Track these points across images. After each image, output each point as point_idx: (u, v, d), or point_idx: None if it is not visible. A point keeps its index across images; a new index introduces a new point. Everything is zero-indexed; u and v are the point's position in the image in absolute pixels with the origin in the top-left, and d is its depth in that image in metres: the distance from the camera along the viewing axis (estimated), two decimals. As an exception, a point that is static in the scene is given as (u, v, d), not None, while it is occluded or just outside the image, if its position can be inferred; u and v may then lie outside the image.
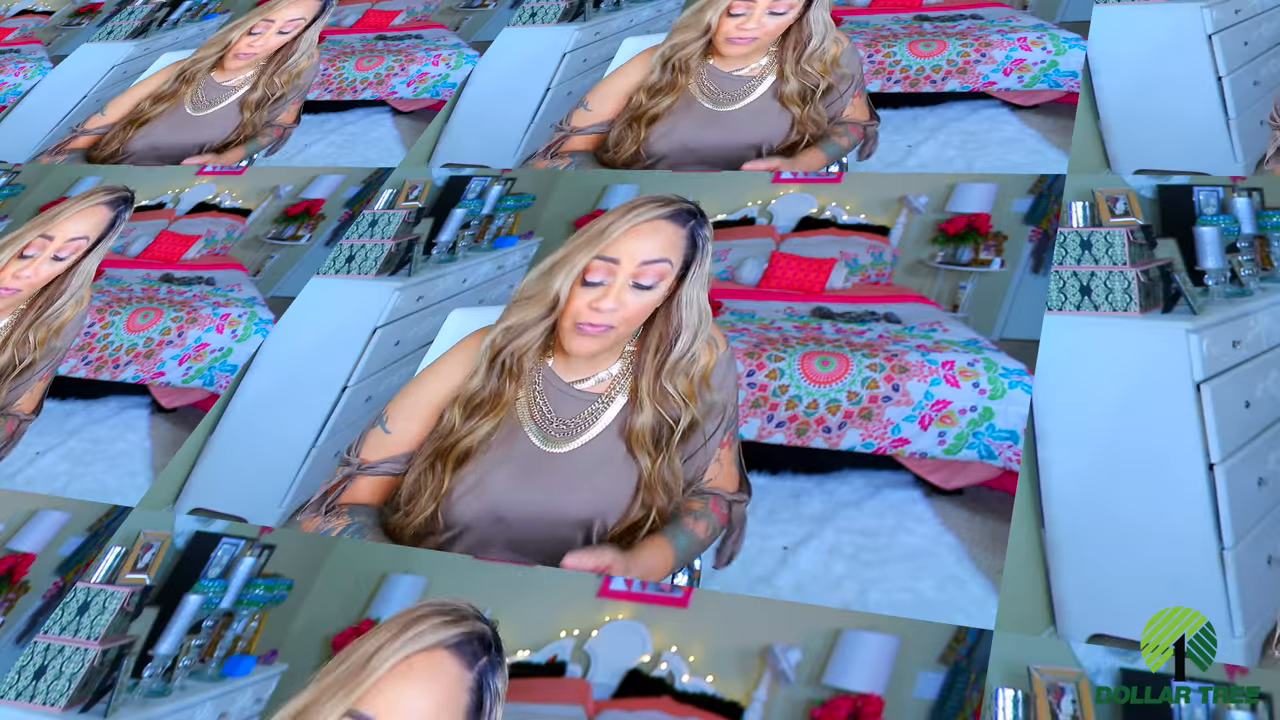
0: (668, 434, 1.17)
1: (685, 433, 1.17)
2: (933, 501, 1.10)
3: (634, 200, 1.31)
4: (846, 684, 0.98)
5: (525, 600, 1.10)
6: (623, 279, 1.23)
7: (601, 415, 1.21)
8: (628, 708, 1.01)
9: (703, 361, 1.23)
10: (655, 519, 1.13)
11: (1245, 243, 1.23)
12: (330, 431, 1.34)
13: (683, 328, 1.23)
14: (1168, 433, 1.09)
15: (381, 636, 0.94)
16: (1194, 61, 1.47)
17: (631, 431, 1.18)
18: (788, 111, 1.56)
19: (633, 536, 1.13)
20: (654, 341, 1.23)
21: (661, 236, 1.27)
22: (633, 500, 1.15)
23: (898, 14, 1.71)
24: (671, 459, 1.16)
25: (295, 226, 1.66)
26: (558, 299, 1.24)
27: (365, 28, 2.09)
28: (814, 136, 1.53)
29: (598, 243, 1.27)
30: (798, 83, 1.58)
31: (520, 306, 1.28)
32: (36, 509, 1.36)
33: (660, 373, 1.20)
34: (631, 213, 1.29)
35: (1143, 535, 1.02)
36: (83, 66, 2.26)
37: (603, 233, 1.27)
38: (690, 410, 1.19)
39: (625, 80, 1.70)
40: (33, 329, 1.59)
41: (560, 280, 1.25)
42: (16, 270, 1.66)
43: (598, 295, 1.23)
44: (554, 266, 1.28)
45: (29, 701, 1.15)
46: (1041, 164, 1.40)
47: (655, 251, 1.25)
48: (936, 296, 1.28)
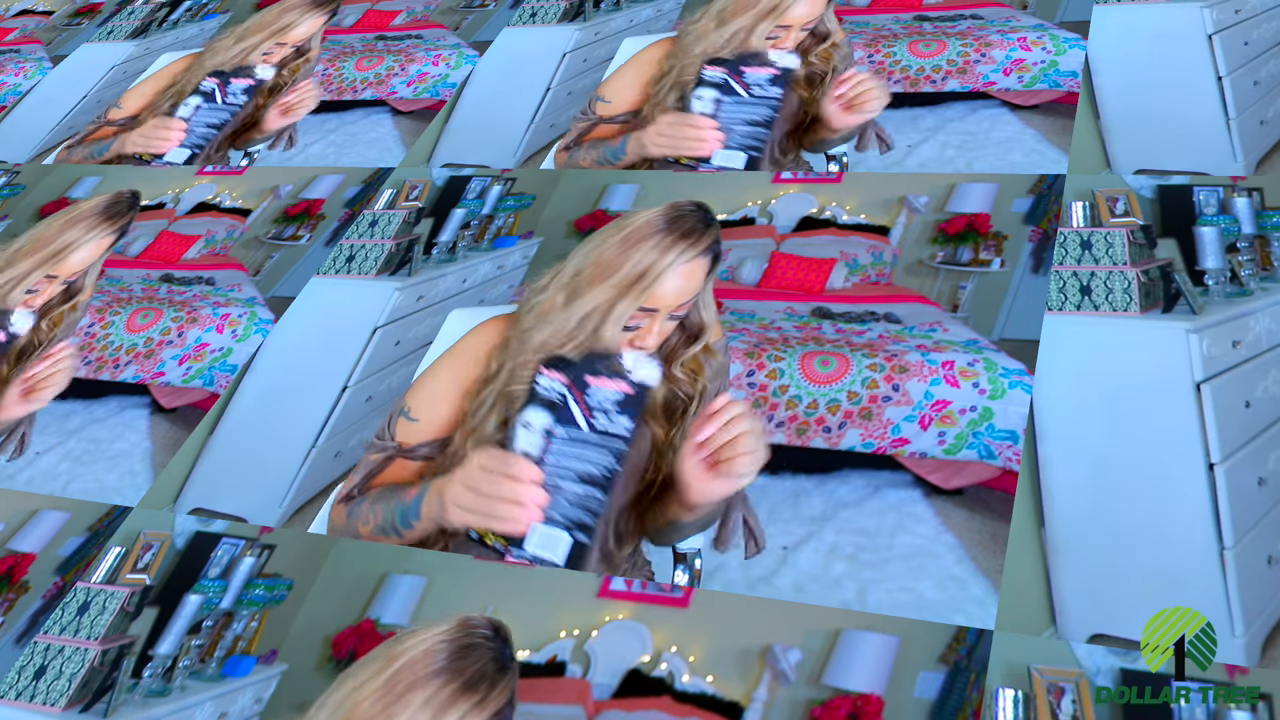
0: (681, 408, 1.21)
1: (694, 406, 1.21)
2: (933, 501, 1.10)
3: (666, 233, 1.30)
4: (846, 684, 0.98)
5: (525, 600, 1.10)
6: (661, 320, 1.25)
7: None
8: (628, 708, 1.01)
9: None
10: (658, 486, 1.17)
11: (1245, 243, 1.23)
12: (330, 431, 1.34)
13: (704, 326, 1.27)
14: (1168, 433, 1.09)
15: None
16: (1194, 61, 1.47)
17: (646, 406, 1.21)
18: (795, 94, 1.59)
19: (645, 497, 1.17)
20: (671, 336, 1.26)
21: (696, 274, 1.28)
22: (646, 465, 1.18)
23: (898, 14, 1.71)
24: (684, 430, 1.19)
25: (295, 226, 1.66)
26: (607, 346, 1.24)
27: (365, 28, 2.09)
28: (816, 117, 1.56)
29: (639, 289, 1.25)
30: (805, 70, 1.60)
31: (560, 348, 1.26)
32: (36, 509, 1.36)
33: (673, 359, 1.24)
34: (669, 256, 1.27)
35: (1143, 535, 1.02)
36: (83, 66, 2.26)
37: (643, 277, 1.26)
38: (700, 382, 1.23)
39: (639, 71, 1.71)
40: (47, 319, 1.62)
41: (609, 331, 1.23)
42: (26, 300, 1.66)
43: (637, 336, 1.24)
44: (595, 312, 1.25)
45: (29, 701, 1.15)
46: (1041, 164, 1.40)
47: (691, 292, 1.27)
48: (936, 296, 1.28)
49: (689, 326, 1.26)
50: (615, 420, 1.18)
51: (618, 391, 1.19)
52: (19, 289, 1.67)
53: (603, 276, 1.28)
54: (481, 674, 0.98)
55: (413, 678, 0.98)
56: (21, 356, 1.56)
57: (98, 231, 1.75)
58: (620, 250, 1.29)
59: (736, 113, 1.57)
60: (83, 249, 1.72)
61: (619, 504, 1.16)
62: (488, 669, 0.98)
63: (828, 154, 1.52)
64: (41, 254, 1.72)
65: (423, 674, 0.98)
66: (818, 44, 1.65)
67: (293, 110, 1.90)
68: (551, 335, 1.26)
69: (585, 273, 1.30)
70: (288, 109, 1.91)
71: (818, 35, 1.66)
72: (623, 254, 1.29)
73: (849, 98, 1.54)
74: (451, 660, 0.99)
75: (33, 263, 1.71)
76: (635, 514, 1.16)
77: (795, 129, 1.56)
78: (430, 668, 0.98)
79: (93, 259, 1.71)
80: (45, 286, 1.67)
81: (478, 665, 0.98)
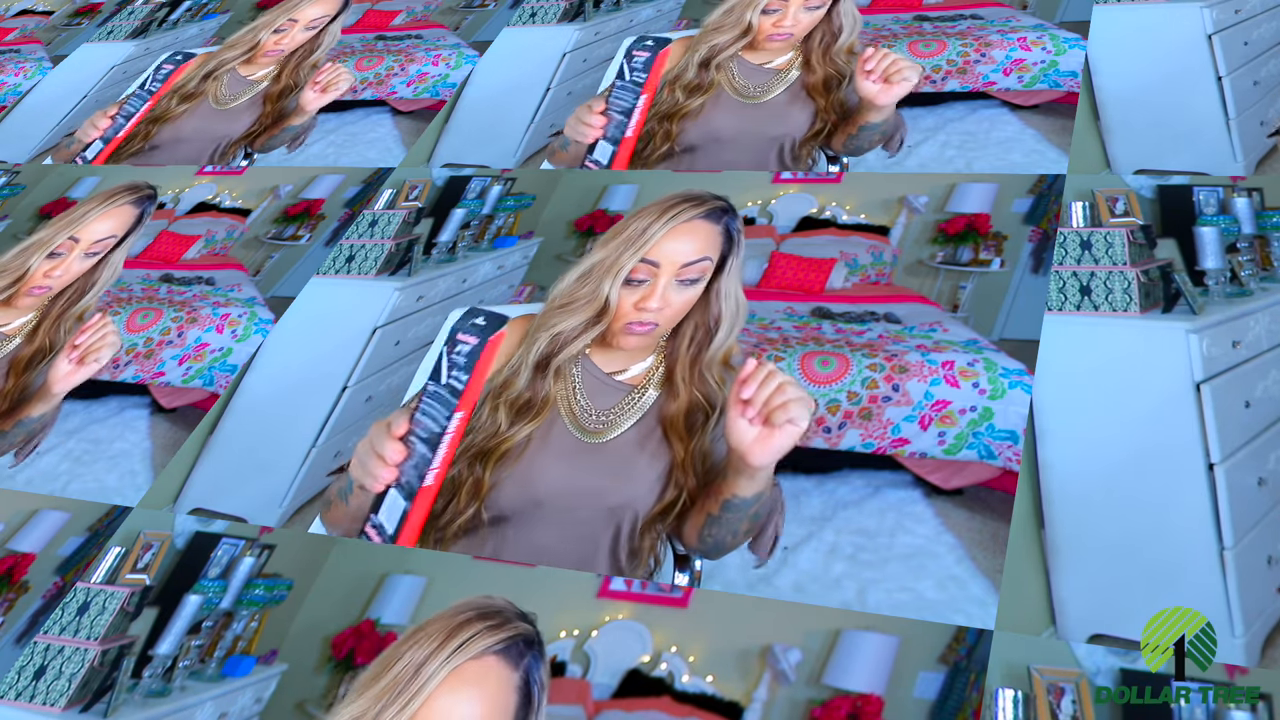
0: (702, 419, 1.19)
1: (719, 416, 1.19)
2: (932, 501, 1.10)
3: (667, 201, 1.31)
4: (846, 684, 0.98)
5: (525, 600, 1.10)
6: (665, 279, 1.24)
7: (638, 403, 1.22)
8: (628, 708, 1.01)
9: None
10: (686, 500, 1.15)
11: (1245, 243, 1.23)
12: (330, 431, 1.34)
13: (721, 319, 1.25)
14: (1168, 433, 1.09)
15: (428, 644, 0.96)
16: (1194, 61, 1.47)
17: (665, 418, 1.20)
18: (811, 103, 1.58)
19: (665, 519, 1.14)
20: (689, 332, 1.25)
21: (700, 235, 1.28)
22: (665, 485, 1.16)
23: (898, 14, 1.71)
24: (703, 442, 1.18)
25: (295, 226, 1.66)
26: (608, 304, 1.25)
27: (365, 28, 2.09)
28: (835, 124, 1.54)
29: (637, 245, 1.27)
30: (823, 72, 1.60)
31: (566, 312, 1.27)
32: (36, 509, 1.36)
33: (696, 362, 1.23)
34: (668, 214, 1.29)
35: (1143, 535, 1.02)
36: (83, 66, 2.26)
37: (642, 234, 1.28)
38: (723, 392, 1.21)
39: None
40: (62, 320, 1.61)
41: (608, 285, 1.25)
42: (48, 269, 1.67)
43: (642, 295, 1.24)
44: (594, 269, 1.28)
45: (29, 701, 1.15)
46: (1041, 164, 1.40)
47: (695, 252, 1.27)
48: (936, 296, 1.28)
49: (707, 318, 1.25)
50: (458, 376, 1.16)
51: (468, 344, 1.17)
52: (40, 253, 1.68)
53: (606, 242, 1.31)
54: (499, 612, 0.99)
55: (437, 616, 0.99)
56: (29, 366, 1.56)
57: (117, 200, 1.78)
58: (624, 224, 1.32)
59: (621, 99, 1.56)
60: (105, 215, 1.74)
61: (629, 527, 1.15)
62: (504, 612, 0.99)
63: (828, 154, 1.52)
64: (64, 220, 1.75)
65: (446, 612, 0.99)
66: (834, 41, 1.64)
67: (330, 88, 1.91)
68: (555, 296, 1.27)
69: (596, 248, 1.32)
70: (325, 88, 1.91)
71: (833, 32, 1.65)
72: (625, 224, 1.31)
73: (884, 70, 1.53)
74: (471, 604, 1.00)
75: (56, 227, 1.74)
76: (653, 533, 1.14)
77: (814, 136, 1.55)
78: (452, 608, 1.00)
79: (114, 229, 1.72)
80: (68, 253, 1.67)
81: (494, 608, 1.00)
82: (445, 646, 0.95)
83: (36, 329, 1.60)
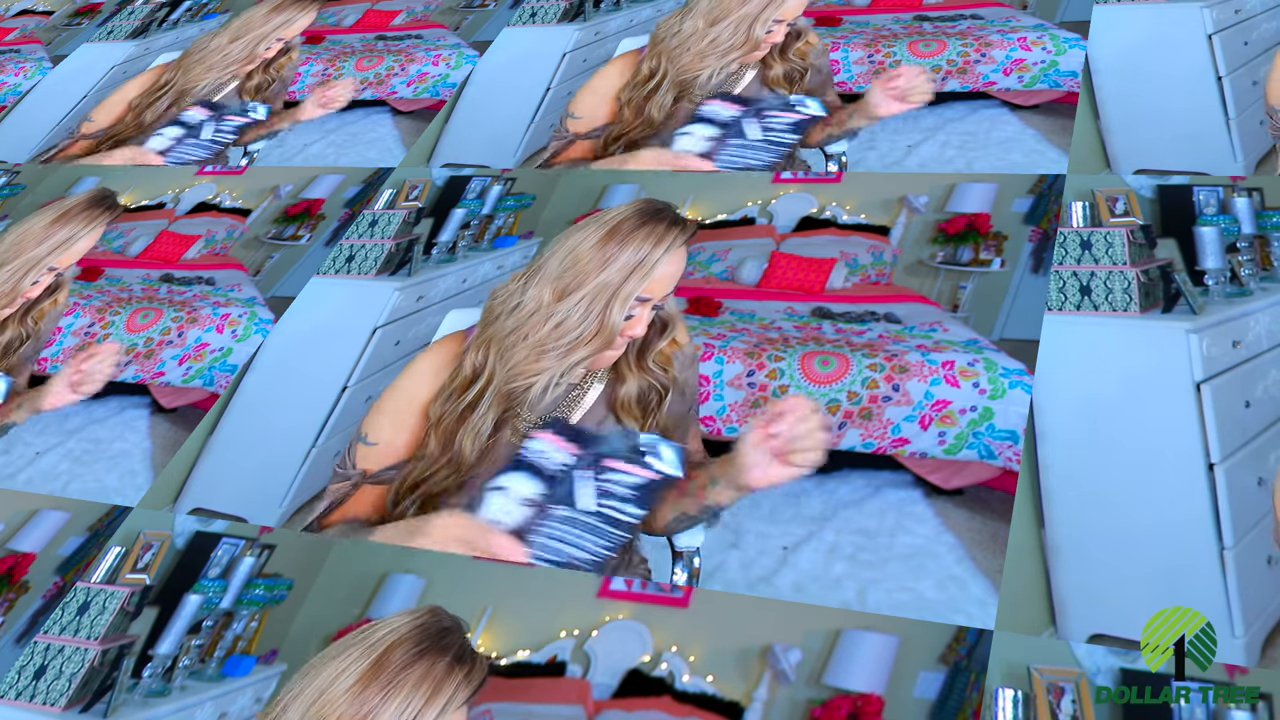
0: (656, 399, 1.24)
1: (669, 396, 1.24)
2: (933, 501, 1.10)
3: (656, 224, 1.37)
4: (846, 684, 0.98)
5: (525, 600, 1.10)
6: (650, 307, 1.31)
7: (582, 399, 1.25)
8: (628, 708, 1.01)
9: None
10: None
11: (1245, 243, 1.23)
12: (330, 431, 1.34)
13: (672, 317, 1.30)
14: (1168, 433, 1.09)
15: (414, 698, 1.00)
16: (1194, 61, 1.47)
17: (618, 401, 1.24)
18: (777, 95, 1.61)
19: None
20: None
21: (681, 262, 1.37)
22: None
23: (898, 14, 1.71)
24: (660, 418, 1.22)
25: (295, 226, 1.66)
26: (613, 332, 1.28)
27: (365, 28, 2.09)
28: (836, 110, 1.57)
29: (639, 275, 1.32)
30: (783, 67, 1.63)
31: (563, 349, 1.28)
32: (36, 509, 1.36)
33: (643, 355, 1.27)
34: (665, 241, 1.36)
35: (1143, 535, 1.02)
36: (83, 66, 2.26)
37: (641, 264, 1.33)
38: (670, 372, 1.26)
39: (607, 84, 1.72)
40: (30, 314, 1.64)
41: (616, 314, 1.29)
42: (26, 291, 1.68)
43: (628, 326, 1.29)
44: (599, 293, 1.30)
45: (29, 701, 1.15)
46: (1041, 164, 1.40)
47: (676, 279, 1.36)
48: (936, 296, 1.28)
49: (662, 317, 1.30)
50: (624, 509, 1.16)
51: (636, 476, 1.18)
52: (27, 278, 1.70)
53: (599, 268, 1.32)
54: (464, 650, 1.05)
55: (404, 658, 1.03)
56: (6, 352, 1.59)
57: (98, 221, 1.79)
58: (604, 245, 1.34)
59: (739, 155, 1.57)
60: (83, 241, 1.76)
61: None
62: (466, 647, 1.05)
63: (826, 153, 1.52)
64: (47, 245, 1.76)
65: (412, 653, 1.03)
66: (794, 41, 1.67)
67: (332, 104, 1.92)
68: (553, 330, 1.28)
69: (573, 269, 1.33)
70: (328, 102, 1.92)
71: (793, 32, 1.68)
72: (614, 246, 1.34)
73: (904, 89, 1.56)
74: (434, 640, 1.05)
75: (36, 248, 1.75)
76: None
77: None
78: (418, 647, 1.04)
79: (86, 250, 1.75)
80: (46, 279, 1.70)
81: (457, 644, 1.05)
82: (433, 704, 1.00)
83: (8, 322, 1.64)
